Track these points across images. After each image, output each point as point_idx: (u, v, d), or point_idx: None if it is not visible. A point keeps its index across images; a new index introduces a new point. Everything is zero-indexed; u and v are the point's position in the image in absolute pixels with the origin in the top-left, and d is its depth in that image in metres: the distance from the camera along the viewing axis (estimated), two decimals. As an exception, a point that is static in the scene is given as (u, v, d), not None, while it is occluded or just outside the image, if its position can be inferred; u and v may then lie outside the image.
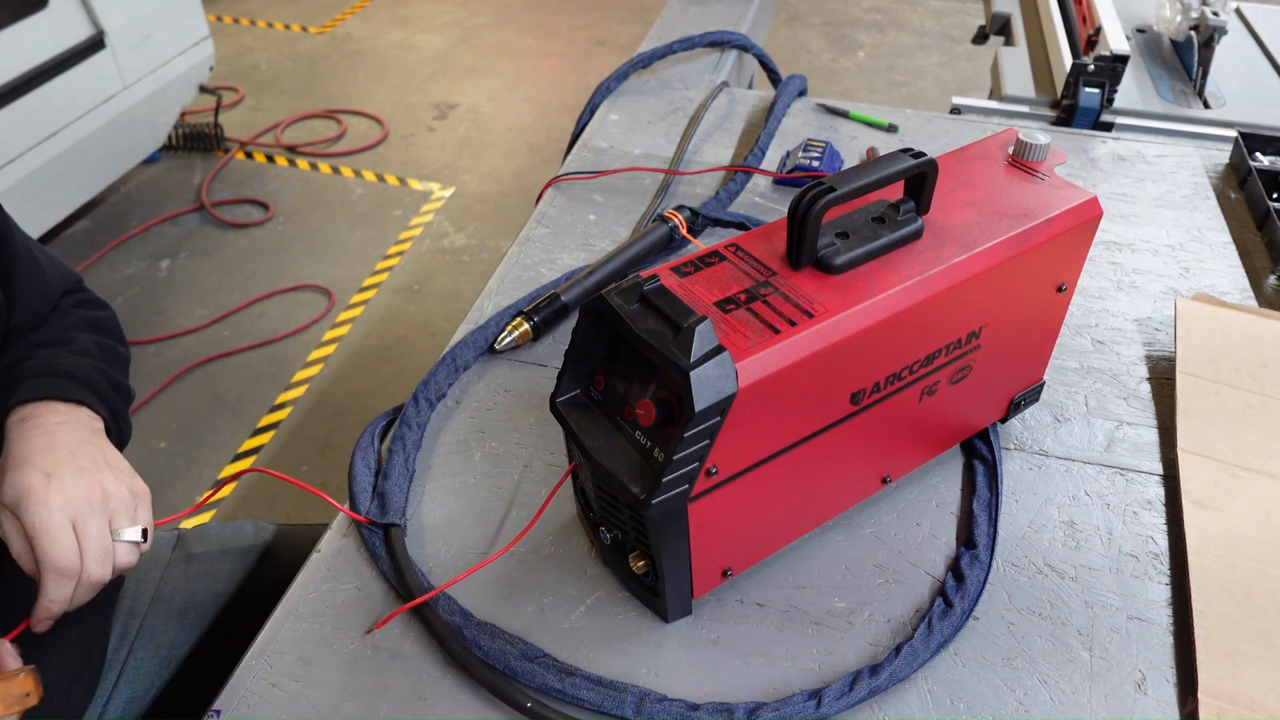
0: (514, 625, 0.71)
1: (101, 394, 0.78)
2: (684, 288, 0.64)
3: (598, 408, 0.66)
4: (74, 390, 0.76)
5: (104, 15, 2.50)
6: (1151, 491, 0.83)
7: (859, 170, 0.64)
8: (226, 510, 2.08)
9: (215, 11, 4.38)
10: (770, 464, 0.65)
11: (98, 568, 0.66)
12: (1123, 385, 0.93)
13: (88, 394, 0.76)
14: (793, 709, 0.65)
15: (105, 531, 0.67)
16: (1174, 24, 1.63)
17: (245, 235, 2.94)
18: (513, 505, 0.81)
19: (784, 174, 1.21)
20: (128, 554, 0.68)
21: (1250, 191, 1.20)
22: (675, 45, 1.46)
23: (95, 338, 0.86)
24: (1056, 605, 0.73)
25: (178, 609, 0.95)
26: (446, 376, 0.92)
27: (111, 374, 0.82)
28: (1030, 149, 0.76)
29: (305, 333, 2.57)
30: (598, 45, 4.14)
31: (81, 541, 0.66)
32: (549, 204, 1.19)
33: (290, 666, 0.69)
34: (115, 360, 0.86)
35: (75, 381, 0.76)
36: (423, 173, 3.26)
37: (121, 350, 0.88)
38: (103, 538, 0.67)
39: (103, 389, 0.79)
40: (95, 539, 0.66)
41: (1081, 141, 1.32)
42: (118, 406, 0.80)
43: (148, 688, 0.90)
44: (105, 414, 0.78)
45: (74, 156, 2.51)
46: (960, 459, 0.85)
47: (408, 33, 4.23)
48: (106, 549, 0.67)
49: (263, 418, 2.31)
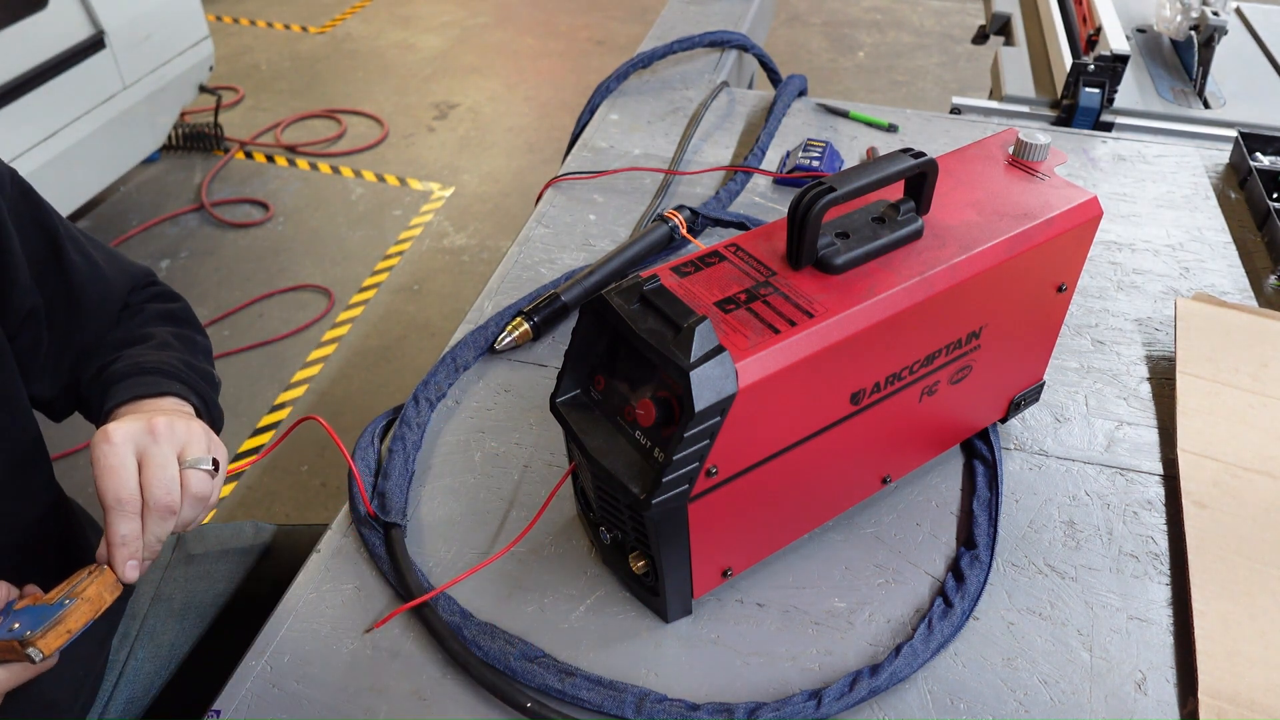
0: (514, 625, 0.71)
1: (189, 382, 0.78)
2: (684, 288, 0.64)
3: (598, 408, 0.66)
4: (162, 384, 0.75)
5: (104, 15, 2.50)
6: (1151, 491, 0.83)
7: (859, 170, 0.64)
8: (226, 510, 2.08)
9: (215, 11, 4.38)
10: (770, 464, 0.65)
11: (164, 494, 0.64)
12: (1123, 385, 0.93)
13: (175, 384, 0.76)
14: (793, 709, 0.65)
15: (172, 459, 0.65)
16: (1174, 24, 1.63)
17: (245, 235, 2.94)
18: (513, 505, 0.81)
19: (784, 174, 1.21)
20: (200, 482, 0.66)
21: (1250, 191, 1.20)
22: (675, 45, 1.46)
23: (172, 329, 0.86)
24: (1056, 605, 0.73)
25: (178, 609, 0.95)
26: (446, 376, 0.92)
27: (195, 362, 0.82)
28: (1030, 149, 0.76)
29: (305, 333, 2.57)
30: (598, 45, 4.14)
31: (145, 471, 0.64)
32: (549, 204, 1.19)
33: (290, 666, 0.69)
34: (195, 349, 0.86)
35: (162, 374, 0.76)
36: (423, 173, 3.26)
37: (200, 339, 0.88)
38: (168, 465, 0.65)
39: (189, 378, 0.79)
40: (159, 466, 0.64)
41: (1081, 141, 1.32)
42: (206, 393, 0.80)
43: (148, 688, 0.90)
44: (195, 400, 0.78)
45: (74, 156, 2.51)
46: (960, 459, 0.85)
47: (408, 33, 4.23)
48: (173, 476, 0.64)
49: (263, 418, 2.31)
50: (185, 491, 0.66)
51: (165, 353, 0.80)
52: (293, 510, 2.06)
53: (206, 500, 0.68)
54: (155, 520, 0.64)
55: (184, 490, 0.66)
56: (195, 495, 0.67)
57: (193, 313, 0.91)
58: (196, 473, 0.67)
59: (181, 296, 0.92)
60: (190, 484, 0.66)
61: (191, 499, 0.67)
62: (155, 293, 0.90)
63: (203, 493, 0.67)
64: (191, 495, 0.66)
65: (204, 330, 0.90)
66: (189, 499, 0.66)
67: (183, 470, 0.66)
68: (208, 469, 0.67)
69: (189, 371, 0.80)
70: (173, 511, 0.65)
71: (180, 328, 0.87)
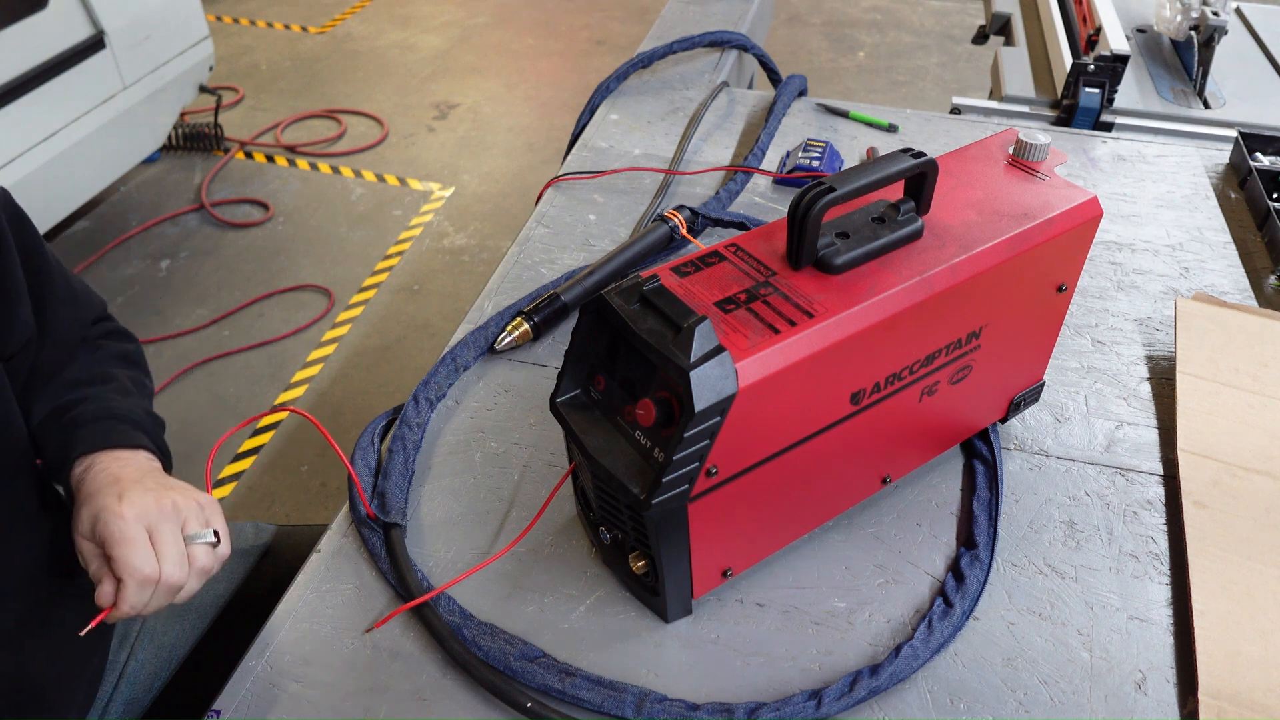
0: (514, 625, 0.71)
1: (152, 434, 0.81)
2: (684, 288, 0.64)
3: (598, 408, 0.66)
4: (131, 435, 0.78)
5: (104, 15, 2.50)
6: (1151, 491, 0.83)
7: (859, 170, 0.64)
8: (226, 511, 2.08)
9: (215, 11, 4.38)
10: (770, 464, 0.65)
11: (176, 570, 0.67)
12: (1123, 385, 0.93)
13: (142, 437, 0.78)
14: (793, 709, 0.65)
15: (179, 537, 0.69)
16: (1174, 24, 1.63)
17: (245, 235, 2.94)
18: (513, 505, 0.81)
19: (784, 174, 1.21)
20: (205, 556, 0.70)
21: (1250, 191, 1.20)
22: (675, 45, 1.46)
23: (130, 373, 0.87)
24: (1056, 605, 0.73)
25: (178, 610, 0.95)
26: (446, 376, 0.92)
27: (150, 410, 0.84)
28: (1030, 149, 0.76)
29: (305, 333, 2.57)
30: (598, 45, 4.14)
31: (157, 547, 0.67)
32: (549, 204, 1.19)
33: (290, 666, 0.69)
34: (147, 395, 0.88)
35: (131, 425, 0.79)
36: (423, 173, 3.26)
37: (148, 383, 0.90)
38: (177, 543, 0.68)
39: (152, 429, 0.81)
40: (170, 544, 0.68)
41: (1081, 141, 1.32)
42: (162, 444, 0.82)
43: (148, 688, 0.90)
44: (158, 455, 0.80)
45: (74, 156, 2.51)
46: (960, 459, 0.85)
47: (408, 33, 4.23)
48: (182, 553, 0.68)
49: (263, 418, 2.31)
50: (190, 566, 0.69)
51: (130, 400, 0.82)
52: (293, 510, 2.06)
53: (210, 572, 0.71)
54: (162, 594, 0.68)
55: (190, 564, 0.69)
56: (200, 569, 0.70)
57: (144, 355, 0.93)
58: (200, 547, 0.70)
59: (134, 336, 0.94)
60: (195, 559, 0.69)
61: (196, 572, 0.69)
62: (110, 329, 0.91)
63: (207, 566, 0.70)
64: (196, 569, 0.69)
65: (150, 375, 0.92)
66: (194, 573, 0.69)
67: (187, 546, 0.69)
68: (210, 542, 0.70)
69: (151, 423, 0.82)
70: (180, 587, 0.68)
71: (135, 371, 0.89)
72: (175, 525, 0.69)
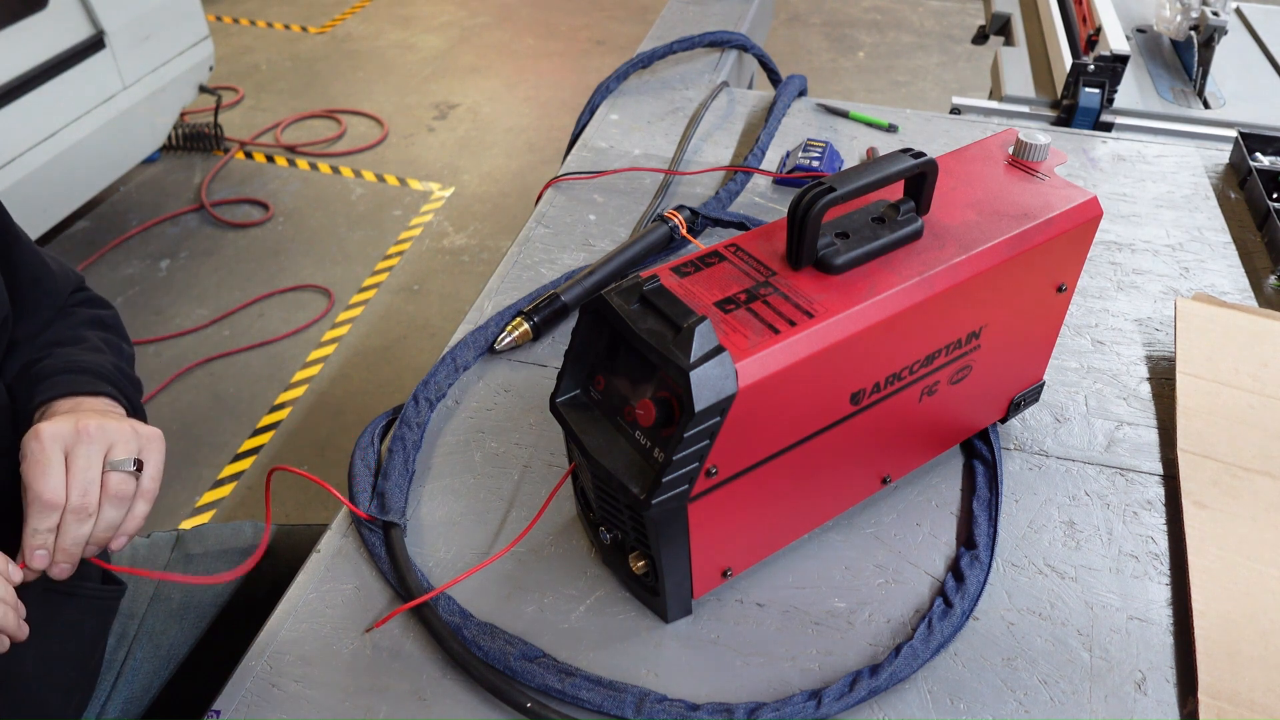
0: (514, 625, 0.71)
1: (119, 385, 0.79)
2: (684, 288, 0.64)
3: (598, 408, 0.66)
4: (93, 383, 0.76)
5: (104, 15, 2.50)
6: (1151, 491, 0.83)
7: (859, 170, 0.64)
8: (226, 510, 2.08)
9: (215, 11, 4.38)
10: (770, 464, 0.65)
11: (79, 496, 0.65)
12: (1123, 385, 0.93)
13: (106, 385, 0.77)
14: (793, 709, 0.65)
15: (95, 461, 0.66)
16: (1174, 24, 1.63)
17: (245, 235, 2.94)
18: (513, 505, 0.81)
19: (784, 174, 1.21)
20: (120, 483, 0.67)
21: (1250, 191, 1.20)
22: (675, 45, 1.46)
23: (102, 335, 0.87)
24: (1056, 605, 0.73)
25: (177, 609, 0.95)
26: (446, 376, 0.92)
27: (124, 367, 0.83)
28: (1030, 149, 0.76)
29: (305, 333, 2.57)
30: (598, 45, 4.14)
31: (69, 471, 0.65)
32: (549, 204, 1.19)
33: (290, 666, 0.69)
34: (122, 356, 0.87)
35: (94, 375, 0.77)
36: (423, 173, 3.26)
37: (125, 348, 0.89)
38: (91, 468, 0.66)
39: (119, 381, 0.80)
40: (82, 469, 0.65)
41: (1081, 141, 1.32)
42: (134, 397, 0.81)
43: (147, 688, 0.90)
44: (125, 405, 0.79)
45: (74, 156, 2.51)
46: (960, 459, 0.85)
47: (408, 33, 4.23)
48: (93, 478, 0.66)
49: (263, 418, 2.31)
50: (105, 492, 0.67)
51: (98, 355, 0.81)
52: (293, 510, 2.06)
53: (127, 500, 0.68)
54: (71, 521, 0.65)
55: (104, 491, 0.67)
56: (115, 496, 0.67)
57: (120, 321, 0.92)
58: (117, 474, 0.67)
59: (111, 304, 0.93)
60: (110, 485, 0.67)
61: (112, 499, 0.67)
62: (86, 297, 0.90)
63: (123, 493, 0.68)
64: (111, 496, 0.67)
65: (130, 340, 0.91)
66: (109, 500, 0.67)
67: (105, 472, 0.67)
68: (129, 470, 0.68)
69: (120, 376, 0.81)
70: (89, 513, 0.66)
71: (108, 334, 0.88)
72: (95, 449, 0.66)
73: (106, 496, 0.67)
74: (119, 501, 0.68)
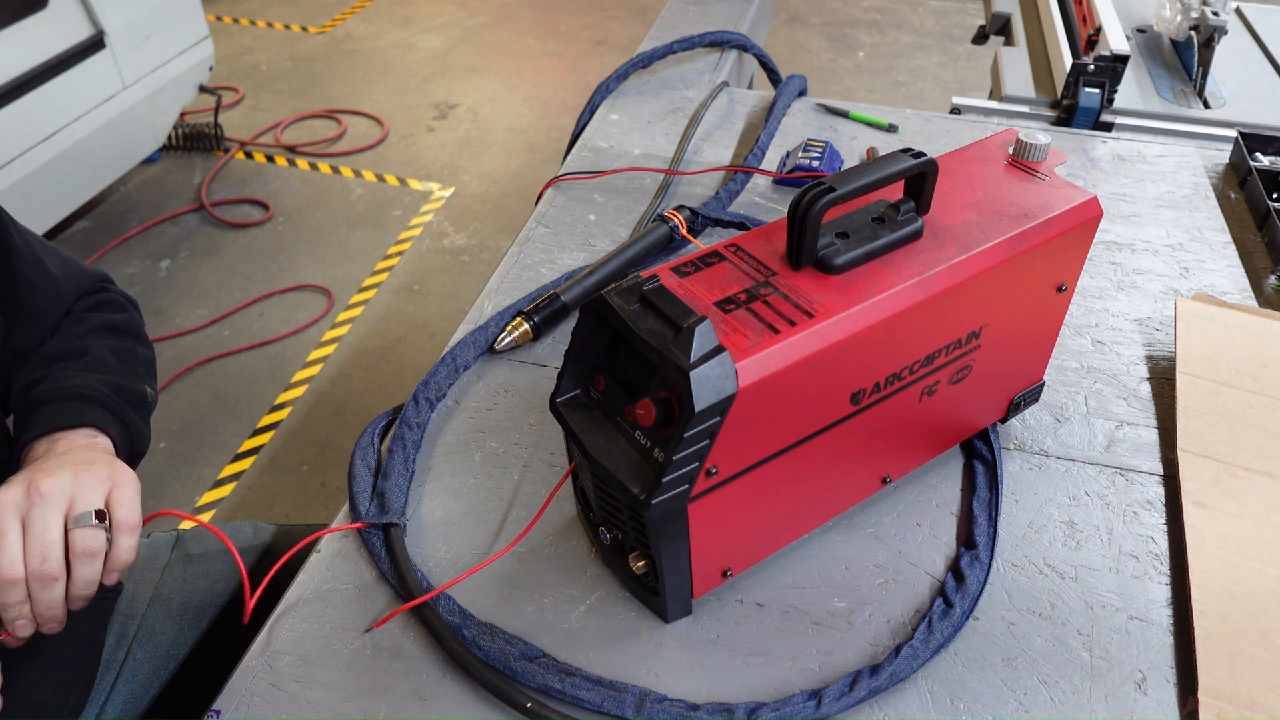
0: (514, 625, 0.71)
1: (111, 407, 0.77)
2: (684, 288, 0.64)
3: (598, 408, 0.66)
4: (78, 413, 0.74)
5: (104, 15, 2.50)
6: (1151, 491, 0.83)
7: (859, 170, 0.64)
8: (226, 510, 2.08)
9: (215, 11, 4.38)
10: (770, 464, 0.65)
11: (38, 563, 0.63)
12: (1123, 385, 0.93)
13: (95, 411, 0.75)
14: (793, 709, 0.65)
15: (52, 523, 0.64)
16: (1174, 24, 1.63)
17: (245, 235, 2.94)
18: (513, 505, 0.81)
19: (784, 174, 1.21)
20: (87, 539, 0.65)
21: (1250, 191, 1.20)
22: (675, 45, 1.46)
23: (112, 343, 0.84)
24: (1056, 605, 0.73)
25: (176, 609, 0.95)
26: (446, 376, 0.92)
27: (125, 384, 0.81)
28: (1030, 149, 0.76)
29: (305, 333, 2.57)
30: (598, 45, 4.14)
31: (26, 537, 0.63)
32: (549, 204, 1.19)
33: (290, 666, 0.69)
34: (134, 365, 0.85)
35: (82, 400, 0.76)
36: (423, 173, 3.26)
37: (141, 351, 0.87)
38: (47, 530, 0.64)
39: (110, 402, 0.78)
40: (38, 533, 0.63)
41: (1081, 141, 1.32)
42: (128, 417, 0.79)
43: (146, 688, 0.90)
44: (114, 430, 0.77)
45: (74, 156, 2.51)
46: (960, 459, 0.85)
47: (408, 33, 4.23)
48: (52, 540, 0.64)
49: (263, 418, 2.31)
50: (71, 551, 0.65)
51: (94, 375, 0.79)
52: (293, 510, 2.06)
53: (97, 554, 0.66)
54: (37, 588, 0.64)
55: (70, 550, 0.65)
56: (83, 553, 0.65)
57: (139, 323, 0.89)
58: (83, 531, 0.65)
59: (131, 305, 0.89)
60: (75, 543, 0.65)
61: (81, 557, 0.65)
62: (102, 300, 0.88)
63: (90, 548, 0.65)
64: (79, 554, 0.65)
65: (148, 342, 0.88)
66: (79, 557, 0.65)
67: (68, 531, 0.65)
68: (92, 525, 0.65)
69: (114, 396, 0.78)
70: (53, 576, 0.64)
71: (121, 340, 0.85)
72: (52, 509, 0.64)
73: (74, 555, 0.65)
74: (88, 557, 0.65)
